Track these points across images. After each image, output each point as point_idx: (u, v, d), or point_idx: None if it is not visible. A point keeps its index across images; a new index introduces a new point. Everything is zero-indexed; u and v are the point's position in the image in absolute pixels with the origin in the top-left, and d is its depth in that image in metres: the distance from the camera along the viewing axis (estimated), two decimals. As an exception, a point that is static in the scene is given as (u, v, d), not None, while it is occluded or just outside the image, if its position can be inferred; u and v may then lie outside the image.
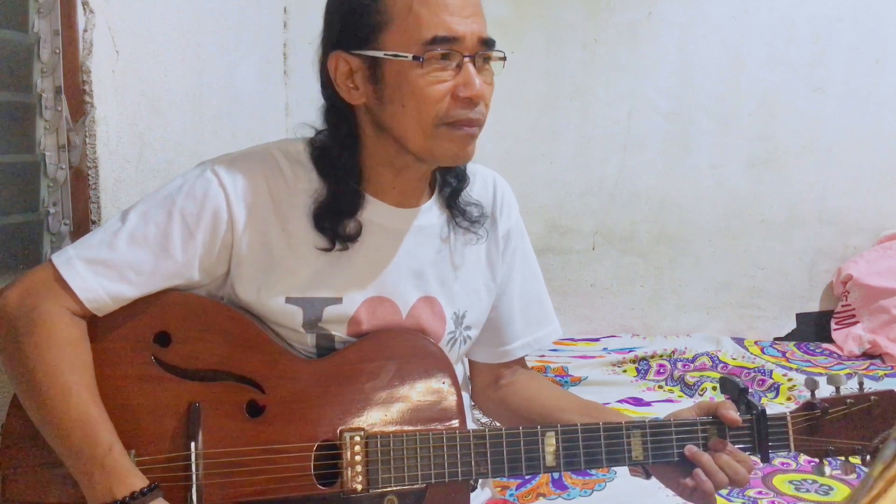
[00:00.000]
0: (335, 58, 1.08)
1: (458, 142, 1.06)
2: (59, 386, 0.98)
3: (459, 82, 1.04)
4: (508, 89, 3.01)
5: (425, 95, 1.03)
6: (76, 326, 1.02)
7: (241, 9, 2.21)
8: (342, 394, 1.07)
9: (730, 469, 1.08)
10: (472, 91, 1.03)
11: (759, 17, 3.02)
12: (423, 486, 1.05)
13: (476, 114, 1.05)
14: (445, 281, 1.18)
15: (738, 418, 1.10)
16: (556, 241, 3.17)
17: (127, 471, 0.97)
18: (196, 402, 1.03)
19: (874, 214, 3.06)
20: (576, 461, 1.08)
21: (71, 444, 0.97)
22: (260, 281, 1.08)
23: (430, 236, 1.17)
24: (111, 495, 0.95)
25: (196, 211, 1.06)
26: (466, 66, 1.04)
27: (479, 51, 1.05)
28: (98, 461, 0.96)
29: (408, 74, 1.04)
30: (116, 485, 0.95)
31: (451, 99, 1.04)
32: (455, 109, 1.04)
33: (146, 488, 0.96)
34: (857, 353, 2.84)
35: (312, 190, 1.10)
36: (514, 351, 1.30)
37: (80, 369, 1.00)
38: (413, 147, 1.07)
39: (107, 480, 0.95)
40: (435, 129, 1.05)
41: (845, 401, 1.12)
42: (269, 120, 2.42)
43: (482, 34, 1.05)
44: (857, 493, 0.58)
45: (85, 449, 0.96)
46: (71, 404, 0.97)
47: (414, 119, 1.05)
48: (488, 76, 1.08)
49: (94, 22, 1.49)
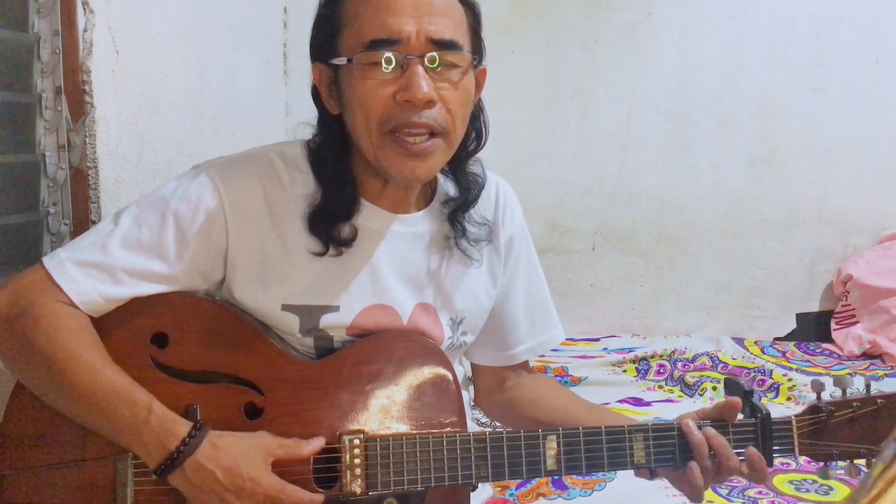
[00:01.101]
0: (316, 69, 1.08)
1: (402, 160, 1.02)
2: (84, 365, 0.98)
3: (401, 85, 1.00)
4: (508, 89, 3.01)
5: (366, 99, 1.00)
6: (80, 316, 1.01)
7: (241, 9, 2.21)
8: (341, 396, 1.06)
9: (722, 451, 1.07)
10: (411, 93, 0.98)
11: (759, 17, 3.01)
12: (423, 489, 1.04)
13: (423, 118, 1.00)
14: (442, 288, 1.17)
15: (738, 403, 1.09)
16: (556, 241, 3.17)
17: (172, 421, 0.97)
18: (194, 403, 1.02)
19: (874, 214, 3.06)
20: (577, 465, 1.07)
21: (112, 416, 0.97)
22: (255, 287, 1.08)
23: (427, 243, 1.15)
24: (165, 450, 0.95)
25: (190, 214, 1.04)
26: (410, 68, 0.99)
27: (428, 51, 1.00)
28: (143, 423, 0.96)
29: (351, 80, 1.02)
30: (166, 438, 0.96)
31: (393, 103, 1.00)
32: (395, 114, 1.00)
33: (193, 430, 0.97)
34: (857, 353, 2.83)
35: (309, 194, 1.09)
36: (518, 355, 1.30)
37: (96, 348, 1.00)
38: (367, 157, 1.05)
39: (156, 438, 0.96)
40: (381, 137, 1.02)
41: (851, 404, 1.10)
42: (269, 120, 2.41)
43: (434, 34, 1.00)
44: (857, 493, 0.58)
45: (127, 415, 0.97)
46: (99, 378, 0.97)
47: (362, 126, 1.02)
48: (448, 80, 1.02)
49: (94, 22, 1.49)
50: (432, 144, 1.03)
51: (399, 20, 0.99)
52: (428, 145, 1.02)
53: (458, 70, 1.03)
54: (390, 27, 0.99)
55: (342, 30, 1.03)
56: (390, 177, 1.06)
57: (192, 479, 0.95)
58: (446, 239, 1.17)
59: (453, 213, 1.15)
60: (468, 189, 1.16)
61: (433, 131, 1.02)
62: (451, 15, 1.03)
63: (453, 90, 1.03)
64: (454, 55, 1.02)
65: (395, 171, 1.04)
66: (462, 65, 1.03)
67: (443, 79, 1.02)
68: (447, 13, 1.02)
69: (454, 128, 1.05)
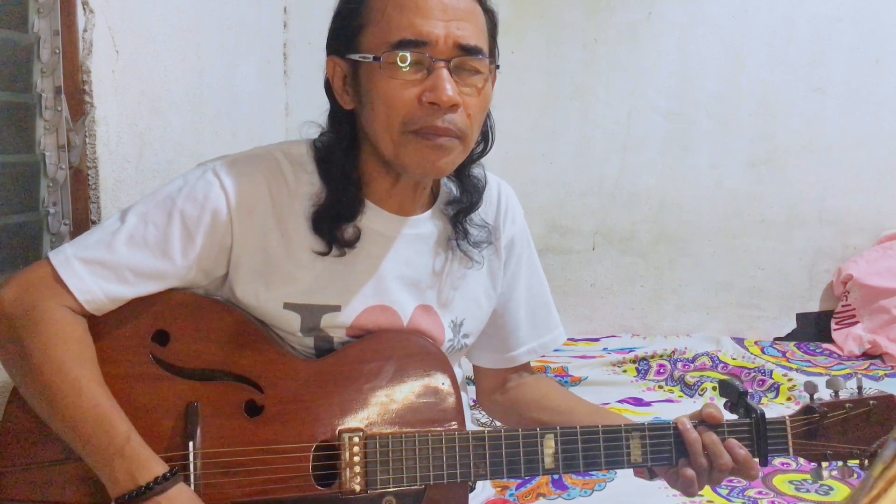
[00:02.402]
0: (331, 62, 1.08)
1: (424, 152, 1.02)
2: (70, 381, 0.98)
3: (427, 87, 1.00)
4: (508, 89, 3.01)
5: (390, 99, 1.01)
6: (78, 324, 1.01)
7: (241, 9, 2.21)
8: (341, 394, 1.07)
9: (713, 449, 1.07)
10: (437, 96, 0.99)
11: (759, 17, 3.02)
12: (422, 487, 1.05)
13: (445, 122, 1.01)
14: (443, 290, 1.17)
15: (719, 416, 1.10)
16: (556, 241, 3.17)
17: (147, 458, 0.97)
18: (194, 401, 1.03)
19: (874, 214, 3.06)
20: (574, 463, 1.08)
21: (88, 438, 0.97)
22: (258, 285, 1.08)
23: (429, 245, 1.16)
24: (134, 482, 0.95)
25: (196, 213, 1.05)
26: (436, 71, 1.00)
27: (455, 56, 1.01)
28: (118, 450, 0.96)
29: (375, 77, 1.02)
30: (138, 471, 0.95)
31: (417, 104, 1.01)
32: (420, 115, 1.01)
33: (168, 473, 0.97)
34: (857, 353, 2.83)
35: (314, 194, 1.09)
36: (519, 356, 1.30)
37: (88, 364, 1.00)
38: (385, 154, 1.05)
39: (128, 468, 0.95)
40: (402, 136, 1.02)
41: (844, 405, 1.12)
42: (268, 120, 2.42)
43: (461, 40, 1.01)
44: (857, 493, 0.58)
45: (103, 440, 0.96)
46: (83, 398, 0.97)
47: (382, 124, 1.03)
48: (471, 85, 1.03)
49: (94, 22, 1.49)
50: (452, 142, 1.04)
51: (429, 22, 0.99)
52: (449, 141, 1.03)
53: (481, 76, 1.04)
54: (419, 29, 0.99)
55: (366, 26, 1.03)
56: (409, 171, 1.06)
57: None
58: (448, 241, 1.17)
59: (456, 215, 1.16)
60: (471, 192, 1.16)
61: (454, 135, 1.03)
62: (476, 21, 1.04)
63: (475, 96, 1.04)
64: (478, 62, 1.03)
65: (415, 165, 1.04)
66: (484, 71, 1.05)
67: (465, 84, 1.03)
68: (473, 19, 1.03)
69: (472, 132, 1.06)
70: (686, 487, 1.09)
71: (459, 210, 1.16)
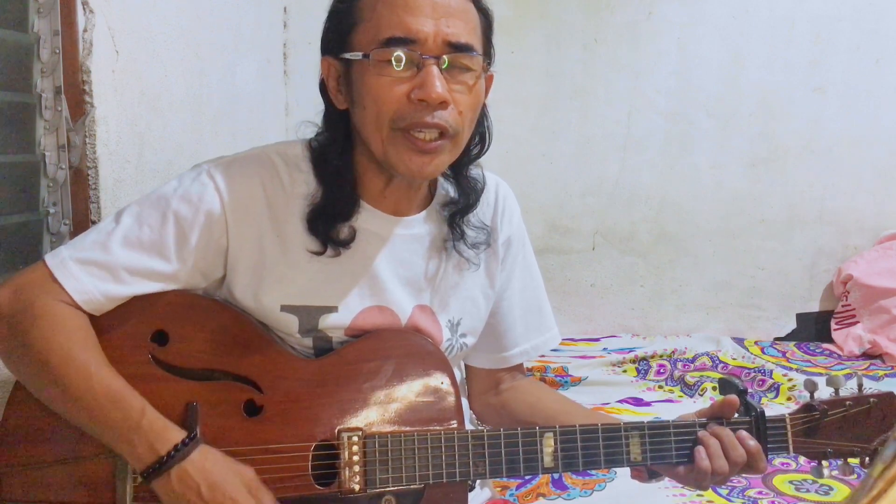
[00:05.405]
0: (325, 62, 1.09)
1: (411, 152, 1.02)
2: (77, 366, 0.98)
3: (416, 84, 1.00)
4: (508, 89, 3.01)
5: (379, 96, 1.01)
6: (79, 316, 1.02)
7: (241, 9, 2.22)
8: (340, 393, 1.07)
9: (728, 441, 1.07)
10: (425, 93, 0.99)
11: (759, 17, 3.02)
12: (421, 486, 1.05)
13: (434, 118, 1.01)
14: (440, 289, 1.17)
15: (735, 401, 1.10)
16: (556, 241, 3.18)
17: (164, 427, 0.97)
18: (194, 401, 1.03)
19: (874, 214, 3.06)
20: (574, 462, 1.08)
21: (104, 418, 0.97)
22: (255, 287, 1.08)
23: (425, 245, 1.16)
24: (155, 453, 0.96)
25: (191, 214, 1.05)
26: (425, 68, 1.00)
27: (444, 53, 1.01)
28: (134, 426, 0.96)
29: (365, 75, 1.02)
30: (158, 442, 0.96)
31: (407, 101, 1.00)
32: (409, 112, 1.01)
33: (187, 439, 0.97)
34: (857, 353, 2.84)
35: (309, 194, 1.09)
36: (512, 357, 1.29)
37: (92, 348, 1.00)
38: (375, 152, 1.05)
39: (148, 441, 0.96)
40: (391, 133, 1.02)
41: (844, 403, 1.12)
42: (268, 120, 2.42)
43: (451, 37, 1.00)
44: (857, 493, 0.59)
45: (119, 419, 0.97)
46: (94, 380, 0.98)
47: (372, 122, 1.03)
48: (462, 82, 1.03)
49: (94, 22, 1.49)
50: (441, 144, 1.03)
51: (418, 20, 0.99)
52: (437, 144, 1.03)
53: (472, 74, 1.04)
54: (408, 26, 0.99)
55: (357, 25, 1.04)
56: (397, 172, 1.06)
57: (176, 486, 0.95)
58: (445, 241, 1.17)
59: (452, 216, 1.16)
60: (468, 193, 1.16)
61: (443, 132, 1.03)
62: (468, 19, 1.03)
63: (466, 94, 1.04)
64: (469, 58, 1.03)
65: (402, 167, 1.04)
66: (475, 69, 1.04)
67: (456, 81, 1.03)
68: (464, 17, 1.03)
69: (463, 130, 1.05)
70: (700, 480, 1.08)
71: (456, 211, 1.16)
